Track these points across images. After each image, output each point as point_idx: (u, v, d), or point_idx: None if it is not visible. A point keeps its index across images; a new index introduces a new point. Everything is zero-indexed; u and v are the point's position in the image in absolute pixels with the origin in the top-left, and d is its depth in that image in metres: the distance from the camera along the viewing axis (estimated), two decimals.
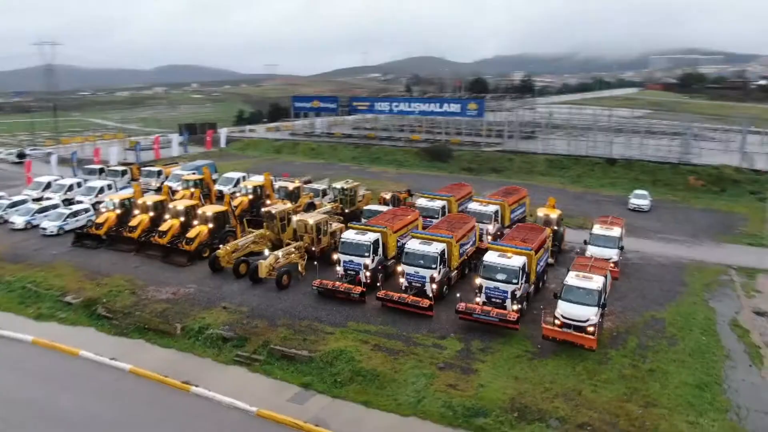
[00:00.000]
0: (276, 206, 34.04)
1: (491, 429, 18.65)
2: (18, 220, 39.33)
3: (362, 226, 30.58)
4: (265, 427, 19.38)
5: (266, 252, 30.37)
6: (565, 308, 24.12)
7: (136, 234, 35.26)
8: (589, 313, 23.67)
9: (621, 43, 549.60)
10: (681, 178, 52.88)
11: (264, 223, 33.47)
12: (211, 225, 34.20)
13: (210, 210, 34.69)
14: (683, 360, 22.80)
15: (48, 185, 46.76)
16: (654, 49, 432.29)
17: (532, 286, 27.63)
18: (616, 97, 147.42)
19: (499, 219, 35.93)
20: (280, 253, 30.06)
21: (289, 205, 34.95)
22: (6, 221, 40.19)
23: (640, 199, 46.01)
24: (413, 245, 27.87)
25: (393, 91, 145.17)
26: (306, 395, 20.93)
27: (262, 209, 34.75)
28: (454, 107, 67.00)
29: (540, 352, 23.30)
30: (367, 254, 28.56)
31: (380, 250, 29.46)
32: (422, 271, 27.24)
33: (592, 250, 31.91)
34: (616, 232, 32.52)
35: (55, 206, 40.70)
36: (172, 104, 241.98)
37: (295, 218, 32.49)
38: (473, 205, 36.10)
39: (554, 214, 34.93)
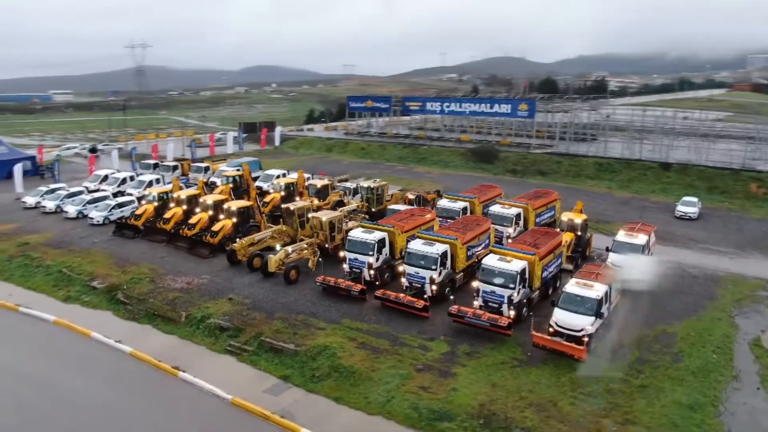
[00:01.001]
0: (295, 203, 34.84)
1: None
2: (71, 210, 42.51)
3: (371, 225, 30.75)
4: (237, 415, 19.99)
5: (278, 247, 31.20)
6: (559, 316, 23.28)
7: (168, 226, 37.20)
8: (585, 323, 22.72)
9: (717, 41, 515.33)
10: (741, 185, 49.19)
11: (281, 219, 34.33)
12: (235, 219, 35.48)
13: (235, 205, 36.01)
14: (683, 378, 21.38)
15: (105, 178, 50.17)
16: (753, 48, 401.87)
17: (537, 292, 26.74)
18: (698, 99, 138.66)
19: (522, 222, 34.96)
20: (290, 248, 30.79)
21: (307, 202, 35.64)
22: (62, 210, 43.47)
23: (688, 206, 43.24)
24: (415, 245, 27.73)
25: (459, 92, 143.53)
26: (282, 387, 21.40)
27: (282, 205, 35.64)
28: (505, 108, 65.55)
29: (528, 360, 22.59)
30: (371, 253, 28.70)
31: (386, 249, 29.49)
32: (422, 272, 27.06)
33: (613, 258, 30.50)
34: (641, 239, 30.84)
35: (104, 198, 43.58)
36: (250, 103, 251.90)
37: (310, 215, 33.12)
38: (495, 208, 35.35)
39: (579, 219, 33.60)
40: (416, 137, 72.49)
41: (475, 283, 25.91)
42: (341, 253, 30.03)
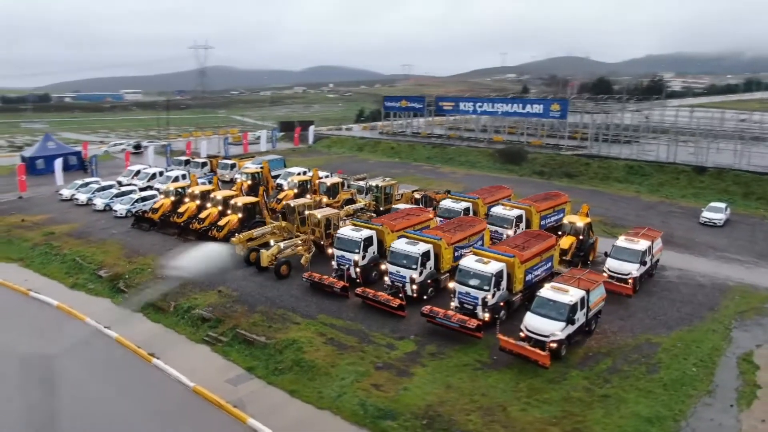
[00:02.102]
0: (296, 200, 35.48)
1: None
2: (98, 202, 44.90)
3: (362, 224, 30.94)
4: (195, 402, 20.71)
5: (272, 242, 31.90)
6: (529, 320, 22.79)
7: (181, 220, 38.67)
8: (554, 328, 22.13)
9: None
10: None
11: (278, 215, 35.03)
12: (241, 215, 36.49)
13: (241, 200, 37.03)
14: (651, 390, 20.46)
15: (137, 173, 52.63)
16: None
17: (518, 296, 26.18)
18: (764, 100, 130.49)
19: (523, 225, 34.24)
20: (282, 244, 31.41)
21: (308, 199, 36.22)
22: (92, 203, 45.95)
23: (714, 212, 40.99)
24: (398, 245, 27.72)
25: (509, 92, 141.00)
26: (244, 378, 21.98)
27: (284, 202, 36.36)
28: (537, 108, 64.01)
29: (492, 364, 22.23)
30: (357, 251, 28.89)
31: (373, 247, 29.59)
32: (403, 271, 27.04)
33: (609, 264, 29.52)
34: (641, 245, 29.59)
35: (130, 192, 45.73)
36: (307, 103, 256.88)
37: (306, 212, 33.67)
38: (496, 209, 34.77)
39: (581, 222, 32.60)
40: (448, 137, 71.91)
41: (451, 284, 25.70)
42: (329, 251, 30.39)
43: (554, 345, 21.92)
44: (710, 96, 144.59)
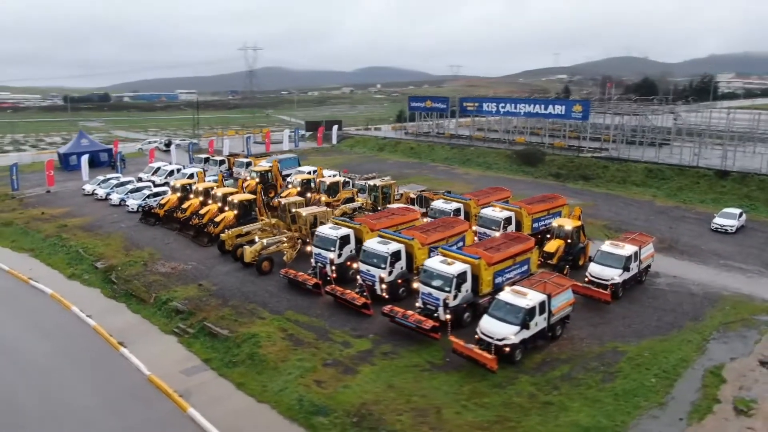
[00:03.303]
0: (288, 198, 36.03)
1: (321, 428, 18.46)
2: (114, 197, 46.89)
3: (341, 222, 31.14)
4: (147, 390, 21.39)
5: (256, 239, 32.54)
6: (484, 323, 22.49)
7: (183, 215, 39.89)
8: (508, 332, 21.74)
9: None
10: None
11: (269, 212, 35.62)
12: (236, 211, 37.34)
13: (237, 197, 37.88)
14: (600, 399, 19.82)
15: (157, 170, 54.59)
16: None
17: (486, 298, 25.75)
18: None
19: (512, 227, 33.61)
20: (266, 241, 31.99)
21: (298, 197, 36.72)
22: (109, 197, 48.02)
23: (727, 218, 39.03)
24: (370, 244, 27.79)
25: (550, 93, 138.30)
26: (199, 369, 22.58)
27: (276, 199, 36.95)
28: (559, 109, 62.45)
29: (443, 365, 22.04)
30: (333, 249, 29.12)
31: (350, 246, 29.73)
32: (373, 270, 27.11)
33: (592, 268, 28.70)
34: (626, 250, 28.59)
35: (144, 187, 47.52)
36: (353, 103, 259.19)
37: (294, 209, 34.15)
38: (486, 210, 34.29)
39: (570, 226, 31.77)
40: (471, 138, 71.17)
41: (415, 284, 25.58)
42: (308, 248, 30.75)
43: (507, 349, 21.54)
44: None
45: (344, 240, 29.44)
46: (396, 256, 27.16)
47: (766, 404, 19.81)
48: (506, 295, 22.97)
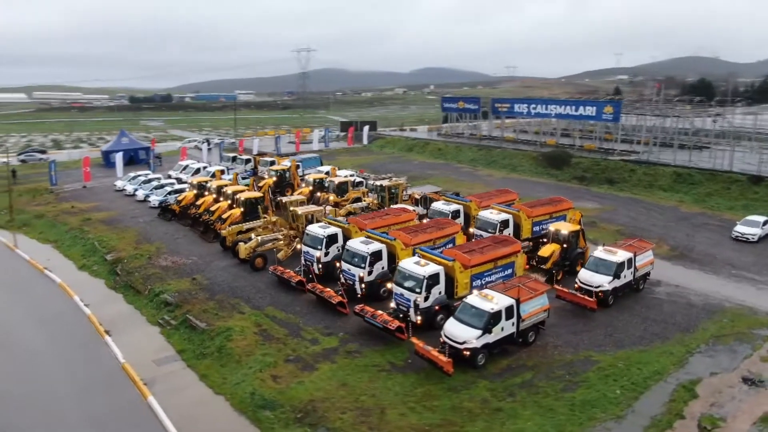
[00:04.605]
0: (290, 197, 36.63)
1: (266, 422, 18.78)
2: (140, 193, 48.98)
3: (331, 221, 31.43)
4: (119, 377, 22.30)
5: (252, 236, 33.28)
6: (448, 326, 22.26)
7: (198, 211, 41.23)
8: (469, 336, 21.44)
9: None
10: None
11: (270, 211, 36.30)
12: (243, 209, 38.27)
13: (244, 195, 38.81)
14: (554, 409, 19.25)
15: (185, 167, 56.59)
16: None
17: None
18: None
19: (510, 229, 32.96)
20: (261, 238, 32.68)
21: (301, 196, 37.24)
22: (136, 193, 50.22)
23: (750, 226, 36.83)
24: (352, 243, 27.94)
25: (600, 95, 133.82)
26: (170, 359, 23.39)
27: (278, 198, 37.63)
28: (590, 110, 60.46)
29: (404, 367, 21.96)
30: (319, 247, 29.46)
31: (338, 245, 29.93)
32: (353, 270, 27.25)
33: (581, 274, 27.88)
34: (618, 257, 27.57)
35: (168, 184, 49.38)
36: (405, 104, 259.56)
37: (290, 208, 34.71)
38: (483, 213, 33.75)
39: (566, 230, 30.88)
40: (503, 139, 70.05)
41: (389, 285, 25.56)
42: (297, 246, 31.19)
43: (466, 353, 21.24)
44: None
45: (331, 239, 29.71)
46: (376, 255, 27.19)
47: (736, 423, 18.74)
48: (473, 299, 22.65)
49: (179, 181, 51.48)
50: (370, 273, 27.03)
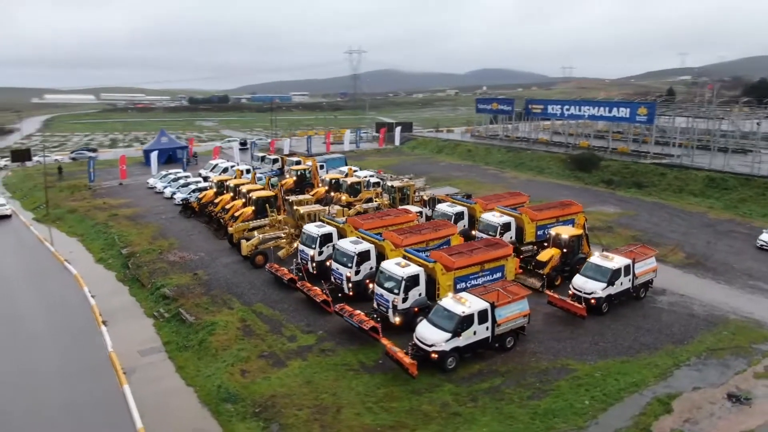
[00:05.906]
0: (297, 196, 37.19)
1: (225, 415, 19.20)
2: (167, 191, 50.87)
3: (328, 221, 31.69)
4: (104, 364, 23.28)
5: (255, 233, 33.98)
6: (419, 329, 22.11)
7: (215, 209, 42.46)
8: (439, 339, 21.24)
9: None
10: None
11: (283, 210, 36.93)
12: (254, 207, 39.12)
13: (255, 194, 39.66)
14: (514, 416, 18.82)
15: (214, 167, 58.31)
16: None
17: None
18: None
19: (512, 233, 32.34)
20: (263, 236, 33.33)
21: (308, 195, 37.72)
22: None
23: None
24: (341, 243, 28.11)
25: (650, 96, 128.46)
26: (155, 350, 24.22)
27: (287, 197, 38.23)
28: (623, 112, 58.28)
29: (373, 367, 21.95)
30: (313, 246, 29.80)
31: (333, 244, 30.10)
32: (341, 269, 27.42)
33: (575, 280, 27.10)
34: (614, 263, 26.60)
35: (193, 182, 51.05)
36: (455, 105, 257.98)
37: (294, 207, 35.22)
38: (486, 215, 33.30)
39: (567, 234, 30.05)
40: (536, 141, 68.59)
41: (370, 285, 25.58)
42: (294, 244, 31.62)
43: (434, 356, 21.03)
44: None
45: (326, 238, 29.98)
46: (363, 256, 27.24)
47: None
48: (446, 301, 22.39)
49: (205, 179, 53.06)
50: (357, 273, 27.11)
